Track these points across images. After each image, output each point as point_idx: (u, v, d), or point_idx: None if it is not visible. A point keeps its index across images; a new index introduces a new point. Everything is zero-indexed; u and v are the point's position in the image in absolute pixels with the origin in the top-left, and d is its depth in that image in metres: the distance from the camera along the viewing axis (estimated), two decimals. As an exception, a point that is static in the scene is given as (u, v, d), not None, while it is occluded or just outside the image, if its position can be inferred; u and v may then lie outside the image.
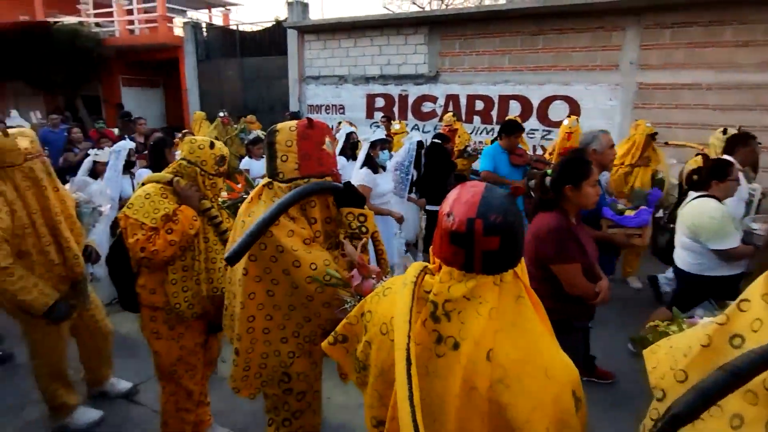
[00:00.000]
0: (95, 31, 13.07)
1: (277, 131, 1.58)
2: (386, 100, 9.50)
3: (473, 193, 1.00)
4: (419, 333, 1.02)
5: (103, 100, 14.10)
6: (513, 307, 0.99)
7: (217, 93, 11.98)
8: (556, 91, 7.84)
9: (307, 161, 1.55)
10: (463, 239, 0.97)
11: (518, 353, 0.95)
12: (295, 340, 1.61)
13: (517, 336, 0.97)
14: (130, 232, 2.02)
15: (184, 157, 2.14)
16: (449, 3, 19.38)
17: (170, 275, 2.10)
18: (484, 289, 0.97)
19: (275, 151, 1.57)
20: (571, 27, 7.51)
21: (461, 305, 0.98)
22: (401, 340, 0.97)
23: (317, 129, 1.58)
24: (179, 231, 2.03)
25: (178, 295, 2.11)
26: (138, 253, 2.00)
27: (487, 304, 0.96)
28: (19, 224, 2.27)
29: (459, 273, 0.99)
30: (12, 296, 2.24)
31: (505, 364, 0.95)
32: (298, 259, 1.49)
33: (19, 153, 2.28)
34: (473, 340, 0.95)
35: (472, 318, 0.97)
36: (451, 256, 1.00)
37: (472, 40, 8.42)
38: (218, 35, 12.31)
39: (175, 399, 2.27)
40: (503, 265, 0.98)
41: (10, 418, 2.71)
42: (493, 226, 0.95)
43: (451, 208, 1.00)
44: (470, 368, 0.95)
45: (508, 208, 0.98)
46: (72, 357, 2.66)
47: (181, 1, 15.43)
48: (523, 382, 0.94)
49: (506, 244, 0.96)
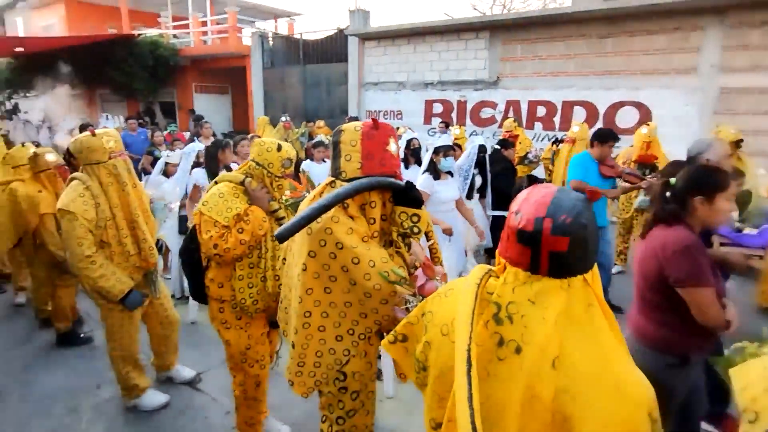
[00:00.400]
0: (173, 42, 14.05)
1: (343, 131, 1.61)
2: (444, 105, 9.45)
3: (544, 194, 0.97)
4: (480, 334, 0.99)
5: (178, 105, 15.11)
6: (583, 315, 0.94)
7: (280, 98, 12.47)
8: (626, 96, 7.44)
9: (370, 161, 1.56)
10: (529, 238, 0.93)
11: (587, 365, 0.90)
12: (350, 337, 1.62)
13: (587, 346, 0.92)
14: (204, 229, 2.10)
15: (253, 159, 2.23)
16: (511, 8, 19.00)
17: (237, 271, 2.18)
18: (550, 294, 0.93)
19: (339, 150, 1.60)
20: (643, 29, 7.12)
21: (525, 308, 0.95)
22: (462, 342, 0.95)
23: (382, 130, 1.59)
24: (249, 231, 2.11)
25: (243, 291, 2.19)
26: (210, 249, 2.08)
27: (553, 310, 0.92)
28: (102, 217, 2.48)
29: (524, 274, 0.96)
30: (93, 282, 2.44)
31: (571, 374, 0.90)
32: (357, 256, 1.50)
33: (104, 151, 2.48)
34: (537, 346, 0.91)
35: (536, 323, 0.93)
36: (517, 256, 0.97)
37: (534, 44, 8.20)
38: (283, 44, 12.82)
39: (244, 388, 2.38)
40: (572, 268, 0.93)
41: (87, 395, 2.93)
42: (563, 226, 0.91)
43: (519, 207, 0.98)
44: (533, 375, 0.91)
45: (581, 210, 0.93)
46: (142, 343, 2.84)
47: (250, 13, 16.29)
48: (590, 395, 0.88)
49: (576, 246, 0.92)
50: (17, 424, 2.67)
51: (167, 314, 2.96)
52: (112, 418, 2.73)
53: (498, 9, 19.17)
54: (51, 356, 3.40)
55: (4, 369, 3.20)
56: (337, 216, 1.52)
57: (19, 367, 3.24)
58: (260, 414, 2.48)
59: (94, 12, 16.66)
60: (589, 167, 3.91)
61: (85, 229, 2.41)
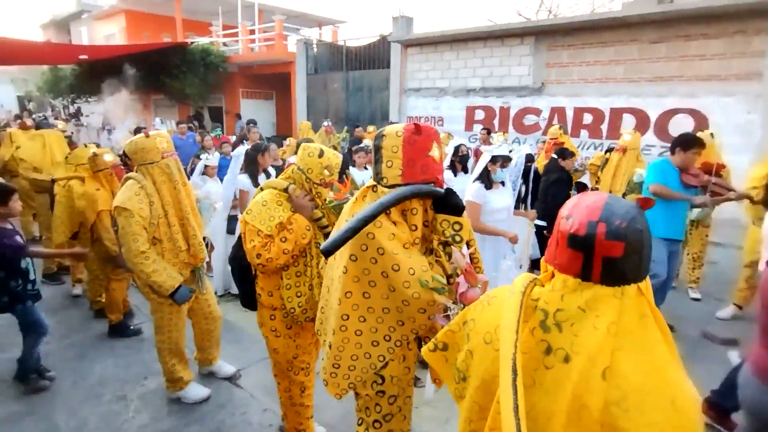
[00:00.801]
0: (222, 50, 14.62)
1: (385, 136, 1.59)
2: (486, 112, 9.33)
3: (596, 200, 0.94)
4: (526, 341, 0.97)
5: (225, 110, 15.69)
6: (637, 325, 0.89)
7: (322, 104, 12.71)
8: (680, 103, 7.10)
9: (411, 168, 1.54)
10: (582, 243, 0.90)
11: (641, 377, 0.86)
12: (386, 343, 1.60)
13: (641, 358, 0.87)
14: (248, 238, 2.08)
15: (296, 162, 2.23)
16: (558, 13, 18.58)
17: (285, 280, 2.17)
18: (602, 302, 0.89)
19: (381, 156, 1.58)
20: (699, 32, 6.78)
21: (575, 317, 0.91)
22: (507, 350, 0.93)
23: (424, 135, 1.56)
24: (293, 240, 2.08)
25: (292, 300, 2.17)
26: (254, 259, 2.07)
27: (605, 318, 0.88)
28: (155, 214, 2.59)
29: (574, 281, 0.93)
30: (146, 277, 2.55)
31: (623, 386, 0.86)
32: (397, 263, 1.48)
33: (158, 152, 2.60)
34: (588, 356, 0.88)
35: (587, 331, 0.89)
36: (567, 262, 0.94)
37: (582, 49, 7.98)
38: (326, 50, 13.08)
39: (289, 395, 2.38)
40: (626, 276, 0.89)
41: (134, 385, 3.07)
42: (618, 231, 0.88)
43: (570, 211, 0.95)
44: (582, 385, 0.88)
45: (635, 216, 0.90)
46: (187, 338, 2.94)
47: (296, 21, 16.74)
48: (644, 409, 0.84)
49: (631, 252, 0.88)
50: (69, 408, 2.82)
51: (211, 310, 3.05)
52: (157, 408, 2.84)
53: (543, 15, 18.79)
54: (102, 346, 3.58)
55: (60, 356, 3.40)
56: (380, 221, 1.51)
57: (73, 355, 3.43)
58: (308, 419, 2.47)
59: (152, 22, 17.63)
60: (668, 175, 3.62)
61: (140, 225, 2.52)
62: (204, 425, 2.69)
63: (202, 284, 2.92)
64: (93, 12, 19.24)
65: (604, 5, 18.16)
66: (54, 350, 3.44)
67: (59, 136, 5.18)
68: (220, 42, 14.93)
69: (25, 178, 4.99)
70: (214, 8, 16.03)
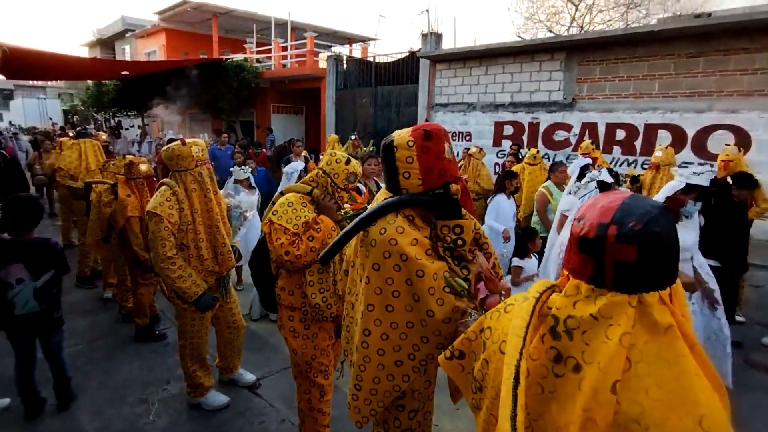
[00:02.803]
0: (255, 66, 15.05)
1: (396, 147, 1.53)
2: (515, 127, 9.22)
3: (613, 199, 0.87)
4: (536, 348, 0.92)
5: (256, 124, 16.07)
6: (659, 337, 0.82)
7: (351, 118, 12.86)
8: (719, 119, 6.83)
9: (430, 175, 1.50)
10: (592, 247, 0.84)
11: (663, 393, 0.78)
12: (410, 362, 1.51)
13: (664, 372, 0.80)
14: (275, 236, 2.14)
15: (321, 167, 2.29)
16: (588, 28, 18.37)
17: (308, 278, 2.22)
18: (616, 310, 0.83)
19: (396, 168, 1.53)
20: (740, 46, 6.53)
21: (587, 324, 0.85)
22: (512, 356, 0.88)
23: (435, 138, 1.50)
24: (320, 238, 2.15)
25: (316, 296, 2.22)
26: (282, 256, 2.11)
27: (618, 328, 0.82)
28: (184, 221, 2.63)
29: (587, 288, 0.87)
30: (171, 282, 2.58)
31: (644, 402, 0.79)
32: (421, 268, 1.43)
33: (192, 159, 2.65)
34: (598, 367, 0.81)
35: (599, 341, 0.83)
36: (579, 267, 0.88)
37: (615, 64, 7.81)
38: (356, 66, 13.28)
39: (309, 398, 2.38)
40: (642, 283, 0.82)
41: (157, 389, 3.10)
42: (630, 234, 0.81)
43: (584, 212, 0.89)
44: (591, 397, 0.81)
45: (654, 217, 0.82)
46: (210, 345, 2.95)
47: (328, 38, 17.12)
48: (667, 428, 0.77)
49: (646, 257, 0.81)
50: (94, 408, 2.87)
51: (235, 319, 3.06)
52: (177, 412, 2.85)
53: (574, 31, 18.61)
54: (129, 349, 3.65)
55: (89, 357, 3.48)
56: (402, 226, 1.47)
57: (101, 357, 3.50)
58: (325, 427, 2.46)
59: (190, 40, 18.38)
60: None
61: (169, 231, 2.56)
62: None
63: (227, 293, 2.94)
64: (136, 31, 20.23)
65: (639, 21, 17.88)
66: (83, 351, 3.53)
67: (96, 145, 5.39)
68: (253, 58, 15.38)
69: (62, 186, 5.21)
70: (249, 27, 16.59)
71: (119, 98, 15.51)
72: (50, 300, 2.73)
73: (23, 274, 2.62)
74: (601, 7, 18.85)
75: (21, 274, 2.61)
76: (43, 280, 2.66)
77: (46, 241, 2.73)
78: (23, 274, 2.62)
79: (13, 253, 2.62)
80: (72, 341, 3.66)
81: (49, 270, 2.69)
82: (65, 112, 24.27)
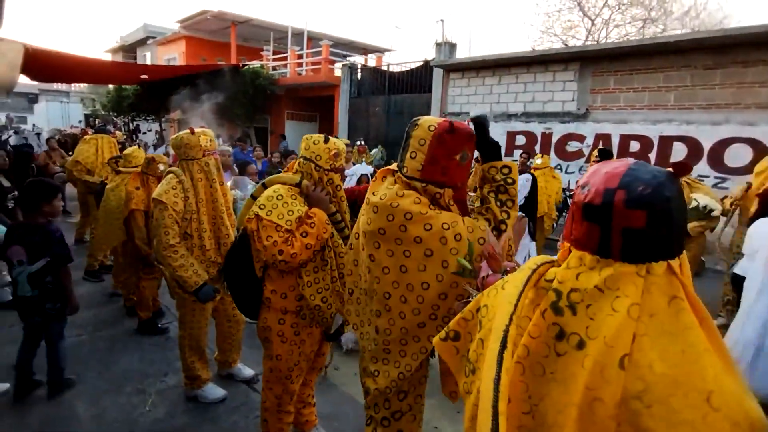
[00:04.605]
0: (271, 73, 15.26)
1: (418, 125, 1.52)
2: (528, 137, 9.17)
3: (618, 165, 0.83)
4: (537, 324, 0.86)
5: (270, 131, 16.24)
6: (665, 308, 0.77)
7: (363, 126, 12.93)
8: (737, 132, 6.70)
9: (432, 166, 1.47)
10: (598, 213, 0.80)
11: (668, 367, 0.73)
12: (432, 322, 1.47)
13: (670, 346, 0.74)
14: (264, 235, 1.91)
15: (301, 155, 2.13)
16: (602, 39, 18.29)
17: (305, 278, 2.04)
18: (623, 281, 0.78)
19: (408, 145, 1.52)
20: (759, 58, 6.44)
21: (591, 297, 0.80)
22: (501, 322, 0.83)
23: (457, 136, 1.46)
24: (315, 234, 1.96)
25: (315, 297, 2.05)
26: (276, 256, 1.89)
27: (626, 299, 0.76)
28: (189, 210, 2.63)
29: (592, 258, 0.82)
30: (173, 270, 2.58)
31: (647, 377, 0.73)
32: (428, 221, 1.41)
33: (199, 149, 2.66)
34: (604, 341, 0.76)
35: (604, 314, 0.78)
36: (583, 236, 0.83)
37: (629, 75, 7.75)
38: (370, 75, 13.40)
39: (279, 402, 2.21)
40: (651, 251, 0.78)
41: (155, 380, 3.08)
42: (639, 198, 0.76)
43: (588, 179, 0.85)
44: (596, 375, 0.76)
45: (663, 182, 0.78)
46: (210, 340, 2.94)
47: (344, 48, 17.32)
48: (671, 405, 0.71)
49: (656, 222, 0.76)
50: (91, 397, 2.86)
51: (235, 313, 3.04)
52: (173, 404, 2.83)
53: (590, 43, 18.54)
54: (130, 341, 3.65)
55: (90, 348, 3.48)
56: (402, 191, 1.48)
57: (102, 348, 3.51)
58: (289, 425, 2.31)
59: (209, 47, 18.74)
60: None
61: (173, 219, 2.56)
62: (217, 425, 2.64)
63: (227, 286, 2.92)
64: (157, 38, 20.72)
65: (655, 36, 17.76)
66: (85, 341, 3.55)
67: (111, 140, 5.49)
68: (269, 66, 15.60)
69: (77, 179, 5.30)
70: (266, 36, 16.87)
71: (138, 103, 15.83)
72: (43, 288, 2.69)
73: (23, 257, 2.65)
74: (618, 22, 18.80)
75: (21, 256, 2.65)
76: (37, 266, 2.66)
77: (43, 227, 2.69)
78: (23, 257, 2.65)
79: (14, 235, 2.67)
80: (75, 331, 3.69)
81: (44, 256, 2.67)
82: (87, 116, 24.84)
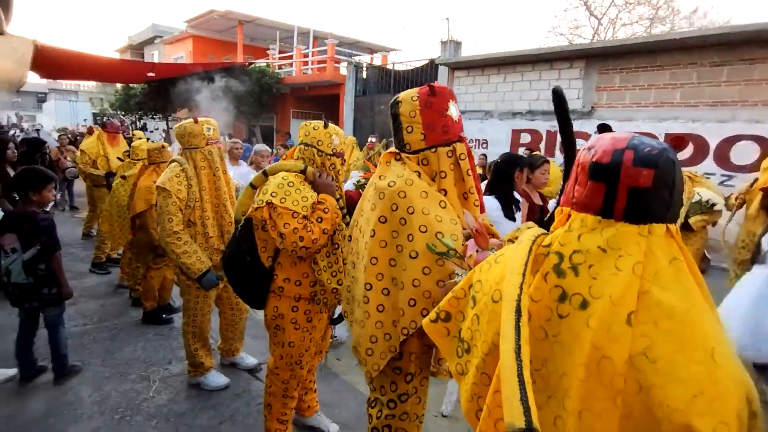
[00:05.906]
0: (277, 72, 15.33)
1: (400, 102, 1.54)
2: (533, 135, 9.14)
3: (623, 134, 0.86)
4: (538, 288, 0.86)
5: (276, 129, 16.31)
6: (667, 269, 0.78)
7: (368, 124, 12.95)
8: (743, 129, 6.65)
9: (432, 131, 1.50)
10: (605, 172, 0.81)
11: (674, 324, 0.74)
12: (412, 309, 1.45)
13: (672, 303, 0.75)
14: (281, 222, 1.88)
15: (301, 141, 2.13)
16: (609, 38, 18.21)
17: (320, 263, 2.05)
18: (626, 240, 0.79)
19: (400, 124, 1.54)
20: (766, 56, 6.38)
21: (594, 258, 0.81)
22: (511, 293, 0.83)
23: (439, 95, 1.52)
24: (329, 219, 1.96)
25: (331, 281, 2.05)
26: (297, 242, 1.87)
27: (629, 258, 0.78)
28: (192, 198, 2.66)
29: (594, 219, 0.83)
30: (176, 257, 2.61)
31: (651, 333, 0.74)
32: (425, 224, 1.41)
33: (203, 138, 2.69)
34: (609, 299, 0.77)
35: (608, 273, 0.79)
36: (587, 197, 0.84)
37: (635, 73, 7.71)
38: (375, 73, 13.42)
39: (285, 387, 2.21)
40: (654, 211, 0.79)
41: (159, 368, 3.12)
42: (648, 157, 0.78)
43: (593, 143, 0.87)
44: (603, 333, 0.76)
45: (668, 148, 0.81)
46: (213, 330, 2.97)
47: (350, 47, 17.36)
48: (676, 360, 0.71)
49: (661, 183, 0.78)
50: (95, 383, 2.90)
51: (238, 301, 3.06)
52: (176, 390, 2.86)
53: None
54: (135, 331, 3.68)
55: (96, 337, 3.52)
56: (411, 179, 1.48)
57: (107, 337, 3.55)
58: (292, 409, 2.32)
59: (216, 46, 18.87)
60: None
61: (176, 206, 2.59)
62: (218, 412, 2.66)
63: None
64: (165, 37, 20.86)
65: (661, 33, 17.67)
66: (90, 331, 3.58)
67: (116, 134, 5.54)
68: (275, 65, 15.67)
69: (82, 172, 5.35)
70: (273, 35, 16.95)
71: (145, 101, 15.94)
72: (37, 275, 2.72)
73: (17, 245, 2.69)
74: (624, 21, 18.72)
75: (15, 244, 2.69)
76: (30, 253, 2.70)
77: (33, 216, 2.71)
78: (16, 245, 2.69)
79: (6, 223, 2.72)
80: (81, 321, 3.74)
81: (35, 244, 2.70)
82: (95, 115, 25.05)
